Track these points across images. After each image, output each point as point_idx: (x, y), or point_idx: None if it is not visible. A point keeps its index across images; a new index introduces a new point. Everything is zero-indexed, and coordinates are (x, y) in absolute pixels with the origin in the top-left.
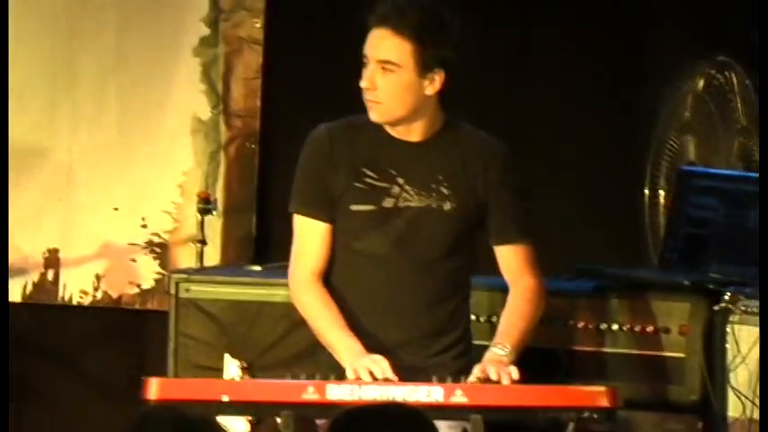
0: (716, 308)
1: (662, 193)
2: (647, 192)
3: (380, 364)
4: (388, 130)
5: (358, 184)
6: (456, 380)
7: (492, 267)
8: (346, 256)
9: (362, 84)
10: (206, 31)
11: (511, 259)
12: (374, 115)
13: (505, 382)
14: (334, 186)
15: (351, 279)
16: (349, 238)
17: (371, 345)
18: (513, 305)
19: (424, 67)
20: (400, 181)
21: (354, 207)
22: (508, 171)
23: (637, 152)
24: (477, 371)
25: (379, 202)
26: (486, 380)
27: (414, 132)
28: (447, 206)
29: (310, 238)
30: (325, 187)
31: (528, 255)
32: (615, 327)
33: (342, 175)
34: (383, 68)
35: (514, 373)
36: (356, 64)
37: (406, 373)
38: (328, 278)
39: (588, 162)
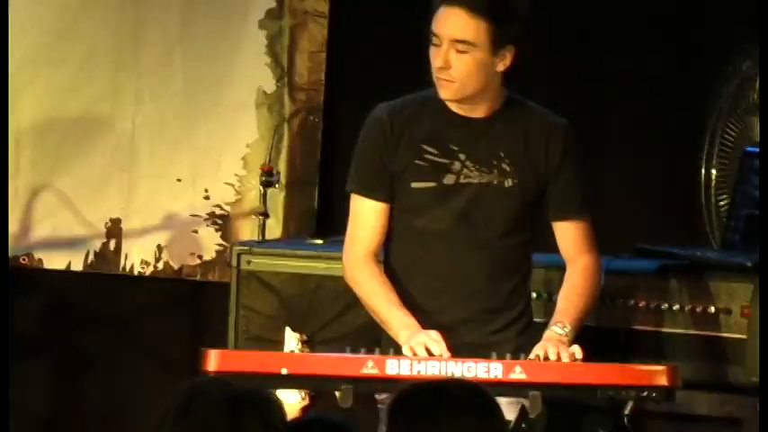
0: None
1: (714, 172)
2: (703, 172)
3: (439, 342)
4: (451, 106)
5: (419, 162)
6: (515, 356)
7: (551, 245)
8: (408, 233)
9: (436, 63)
10: (272, 3)
11: (569, 235)
12: (446, 93)
13: (565, 359)
14: (393, 165)
15: (412, 257)
16: (410, 216)
17: (432, 322)
18: (572, 283)
19: (498, 45)
20: (461, 157)
21: (415, 184)
22: (569, 148)
23: (696, 132)
24: (537, 349)
25: (440, 179)
26: (546, 359)
27: (478, 109)
28: (508, 182)
29: (367, 217)
30: (383, 167)
31: (586, 231)
32: (676, 307)
33: (402, 153)
34: (457, 48)
35: (578, 352)
36: (420, 39)
37: (467, 350)
38: (388, 256)
39: (647, 141)
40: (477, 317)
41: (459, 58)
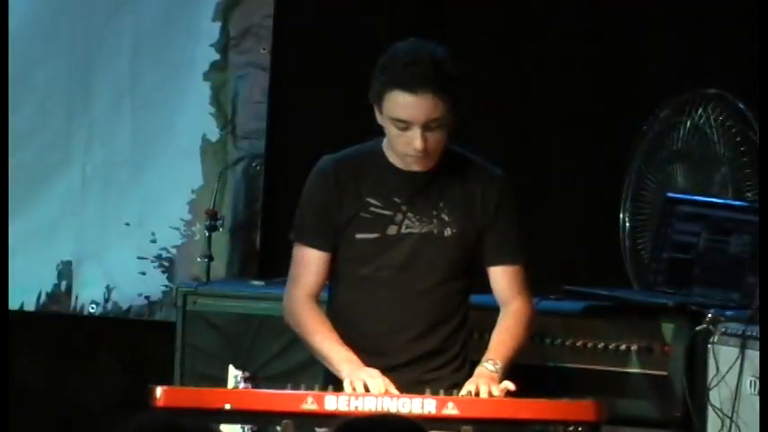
0: (697, 329)
1: (627, 217)
2: (621, 216)
3: (376, 380)
4: (393, 161)
5: (363, 214)
6: (448, 393)
7: (485, 286)
8: (352, 280)
9: (415, 145)
10: (216, 56)
11: (503, 280)
12: (421, 167)
13: (496, 393)
14: (338, 216)
15: (356, 302)
16: (355, 264)
17: (374, 364)
18: (504, 325)
19: (455, 112)
20: (404, 208)
21: (360, 236)
22: (504, 198)
23: (618, 179)
24: (468, 385)
25: (384, 230)
26: (477, 394)
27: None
28: (447, 232)
29: (308, 264)
30: (326, 219)
31: (519, 276)
32: (601, 345)
33: (347, 206)
34: (429, 127)
35: (510, 385)
36: (356, 90)
37: (405, 388)
38: (333, 300)
39: (574, 188)
40: (417, 359)
41: (433, 136)
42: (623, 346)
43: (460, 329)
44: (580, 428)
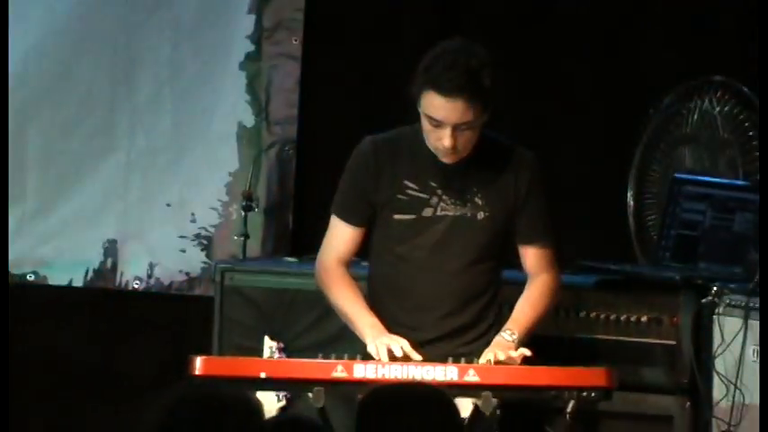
0: (703, 301)
1: (631, 196)
2: (630, 195)
3: (399, 342)
4: (430, 147)
5: (400, 196)
6: (469, 361)
7: (517, 261)
8: (388, 258)
9: (445, 143)
10: (251, 47)
11: (532, 257)
12: (449, 161)
13: (502, 357)
14: (376, 197)
15: (392, 279)
16: (391, 243)
17: (408, 338)
18: (527, 295)
19: (486, 114)
20: (439, 192)
21: (397, 216)
22: (535, 178)
23: (626, 161)
24: (486, 353)
25: (419, 212)
26: (497, 362)
27: None
28: (480, 215)
29: (341, 235)
30: (362, 197)
31: (548, 253)
32: (613, 317)
33: (385, 188)
34: (460, 128)
35: (526, 352)
36: (382, 77)
37: (438, 359)
38: (371, 275)
39: (584, 167)
40: (449, 334)
41: (463, 135)
42: (634, 318)
43: (491, 305)
44: (593, 394)
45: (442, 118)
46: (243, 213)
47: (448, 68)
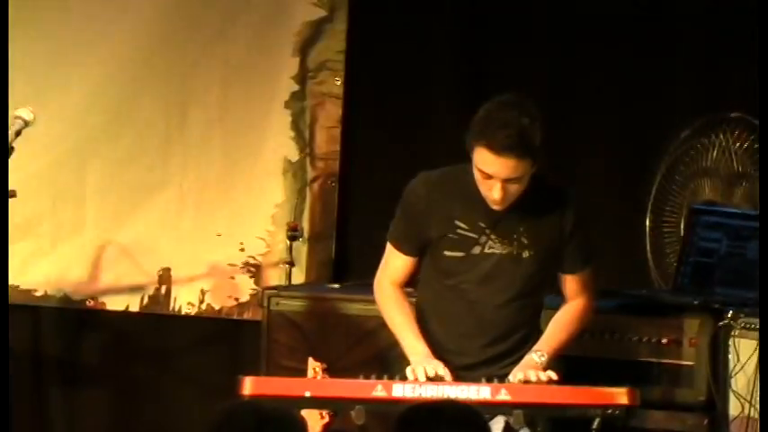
0: (720, 324)
1: (647, 223)
2: (647, 224)
3: (436, 367)
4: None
5: (451, 235)
6: (501, 381)
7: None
8: (438, 287)
9: (494, 195)
10: (296, 87)
11: (572, 284)
12: (498, 209)
13: (532, 378)
14: (428, 234)
15: (440, 307)
16: (442, 275)
17: (452, 363)
18: (559, 318)
19: (533, 167)
20: (487, 231)
21: (447, 253)
22: (576, 213)
23: (644, 192)
24: (516, 372)
25: (469, 250)
26: (526, 381)
27: None
28: (526, 254)
29: (396, 262)
30: (416, 232)
31: (587, 279)
32: (635, 338)
33: (436, 226)
34: (510, 181)
35: (553, 375)
36: (419, 114)
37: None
38: (420, 301)
39: (603, 197)
40: (490, 360)
41: (511, 187)
42: (654, 339)
43: (531, 336)
44: (617, 411)
45: (492, 173)
46: (288, 243)
47: (501, 127)
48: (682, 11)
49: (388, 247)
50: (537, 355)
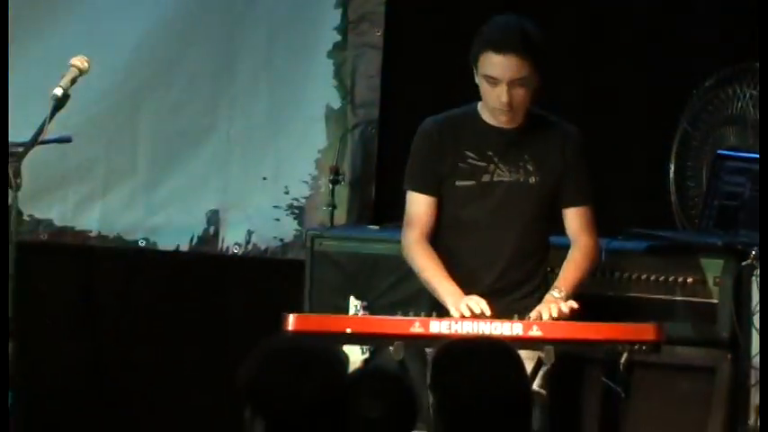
0: (743, 264)
1: (672, 168)
2: (671, 170)
3: (478, 302)
4: (486, 119)
5: (462, 165)
6: (522, 317)
7: (560, 229)
8: (452, 222)
9: (502, 100)
10: (338, 38)
11: (575, 219)
12: (508, 122)
13: (564, 310)
14: (441, 167)
15: (456, 240)
16: (455, 208)
17: (472, 290)
18: (572, 258)
19: (537, 73)
20: (495, 160)
21: (459, 183)
22: (578, 149)
23: (669, 137)
24: (539, 308)
25: (479, 178)
26: (555, 318)
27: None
28: (532, 180)
29: (419, 208)
30: (431, 169)
31: (588, 216)
32: (661, 278)
33: (448, 159)
34: (515, 85)
35: (574, 304)
36: (453, 65)
37: (499, 314)
38: (437, 240)
39: (628, 143)
40: (507, 287)
41: (518, 93)
42: (680, 279)
43: (541, 264)
44: (644, 347)
45: (498, 74)
46: (330, 186)
47: (502, 29)
48: None
49: (408, 197)
50: (556, 292)
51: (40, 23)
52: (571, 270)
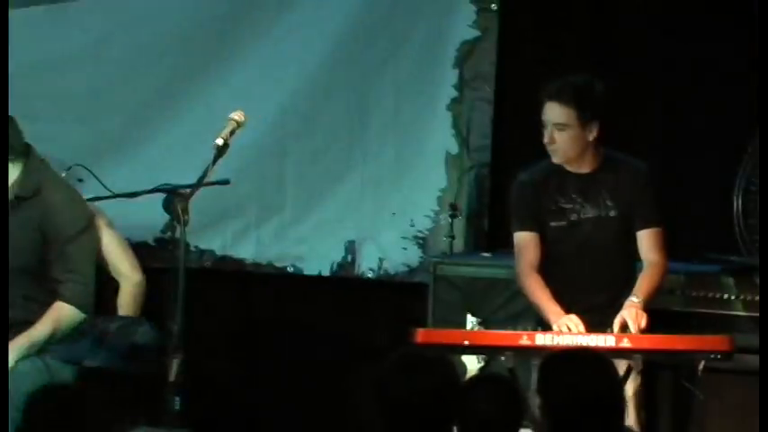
0: None
1: (741, 204)
2: (736, 203)
3: (574, 321)
4: (566, 167)
5: (554, 208)
6: (623, 331)
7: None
8: (551, 254)
9: (545, 140)
10: (455, 93)
11: (644, 241)
12: (554, 158)
13: (634, 329)
14: (538, 210)
15: (556, 268)
16: (552, 243)
17: (571, 309)
18: (646, 273)
19: (584, 122)
20: (579, 200)
21: (553, 223)
22: (646, 180)
23: (731, 175)
24: (622, 313)
25: (568, 218)
26: (625, 323)
27: (584, 167)
28: (612, 213)
29: (526, 244)
30: (531, 211)
31: (657, 238)
32: (733, 297)
33: (543, 204)
34: (557, 128)
35: (644, 320)
36: None
37: (593, 327)
38: (541, 268)
39: (694, 178)
40: (597, 307)
41: (559, 135)
42: (749, 298)
43: (627, 286)
44: (719, 356)
45: (544, 119)
46: (450, 220)
47: (559, 82)
48: None
49: (516, 239)
50: (635, 297)
51: (204, 86)
52: (646, 281)
